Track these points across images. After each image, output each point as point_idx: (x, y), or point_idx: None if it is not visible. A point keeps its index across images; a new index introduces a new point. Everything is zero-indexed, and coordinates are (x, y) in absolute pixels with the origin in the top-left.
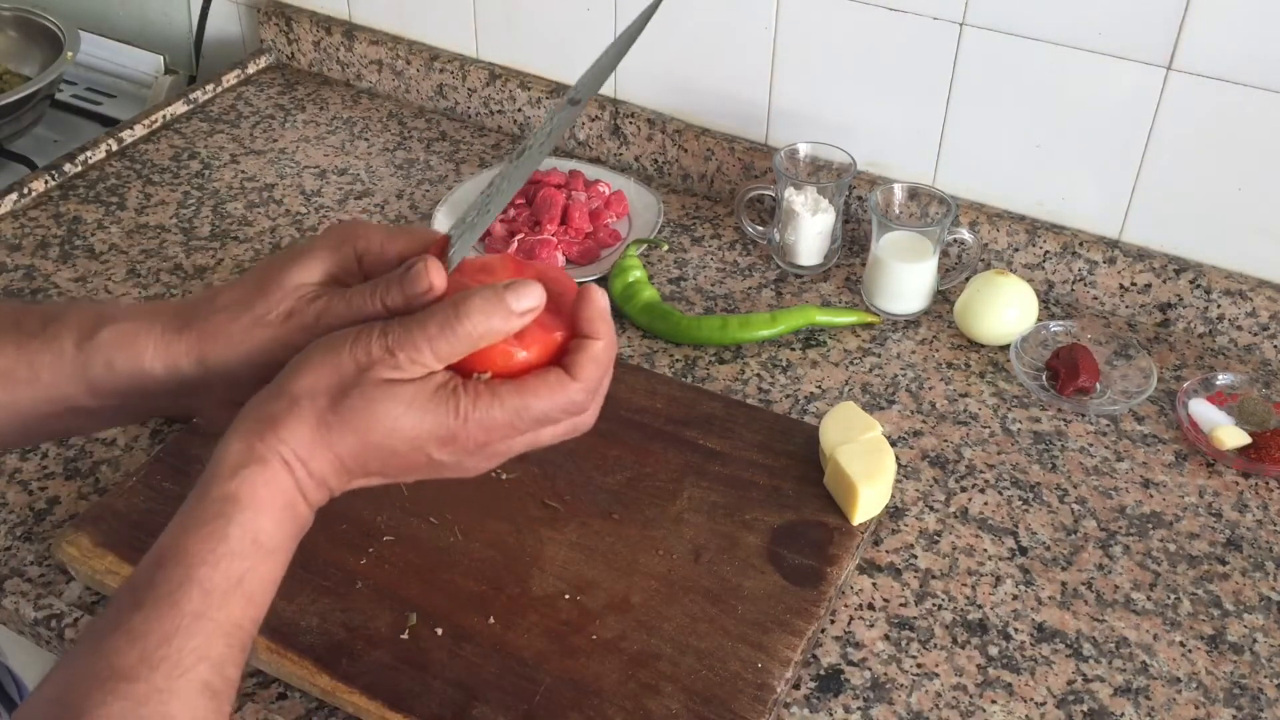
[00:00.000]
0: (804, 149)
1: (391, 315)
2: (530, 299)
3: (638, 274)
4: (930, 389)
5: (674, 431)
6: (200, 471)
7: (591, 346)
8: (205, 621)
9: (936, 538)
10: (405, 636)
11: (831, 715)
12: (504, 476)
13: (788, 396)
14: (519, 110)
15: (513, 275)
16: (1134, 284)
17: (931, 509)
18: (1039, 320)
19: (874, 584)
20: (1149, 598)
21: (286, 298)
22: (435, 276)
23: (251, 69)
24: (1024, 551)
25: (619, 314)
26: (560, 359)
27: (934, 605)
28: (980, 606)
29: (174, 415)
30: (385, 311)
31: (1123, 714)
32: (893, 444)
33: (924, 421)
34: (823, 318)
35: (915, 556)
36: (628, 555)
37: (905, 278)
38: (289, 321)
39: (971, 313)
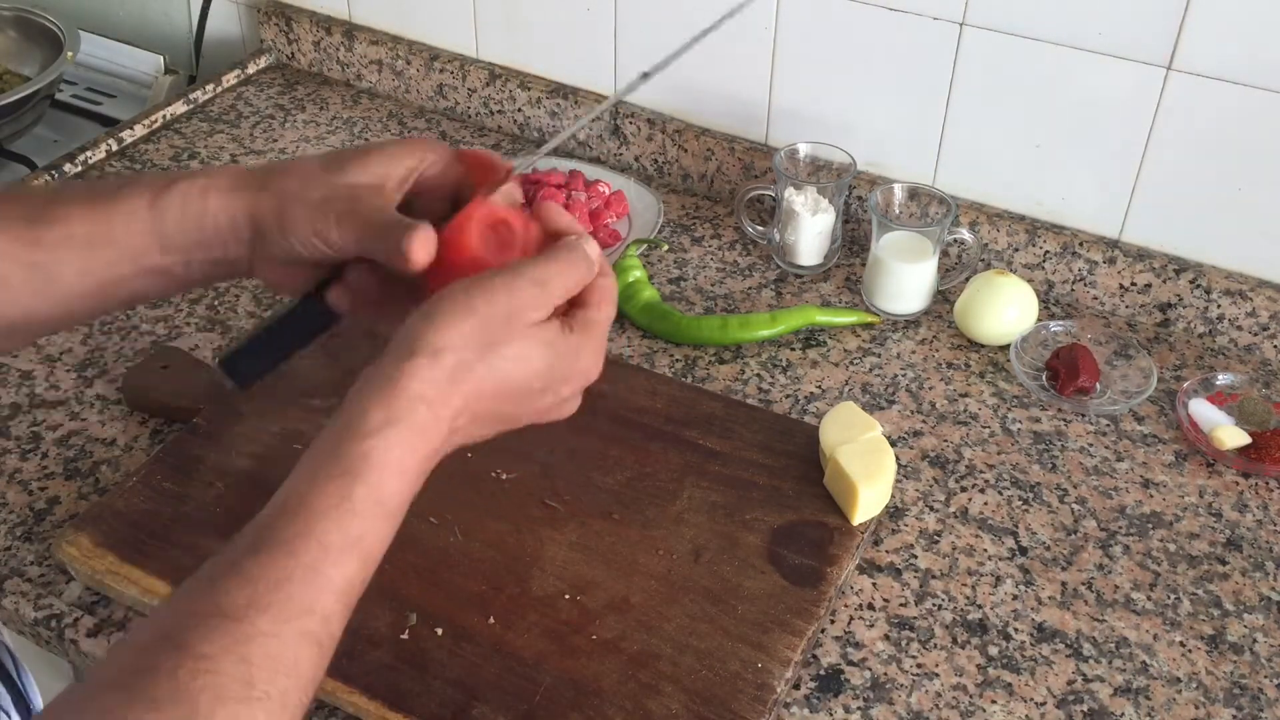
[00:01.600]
0: (804, 149)
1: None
2: (595, 249)
3: (638, 274)
4: (930, 389)
5: (674, 431)
6: (200, 472)
7: (573, 241)
8: (319, 575)
9: (936, 538)
10: (405, 636)
11: (831, 715)
12: (504, 476)
13: (788, 396)
14: (519, 110)
15: (523, 233)
16: (1134, 284)
17: (931, 509)
18: (1039, 320)
19: (874, 584)
20: (1149, 598)
21: (347, 192)
22: (427, 250)
23: (251, 69)
24: (1024, 551)
25: (619, 314)
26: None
27: (934, 605)
28: (980, 606)
29: (233, 275)
30: (382, 249)
31: (1123, 714)
32: (893, 444)
33: (924, 421)
34: (823, 318)
35: (915, 556)
36: (628, 555)
37: (905, 278)
38: (345, 212)
39: (971, 313)
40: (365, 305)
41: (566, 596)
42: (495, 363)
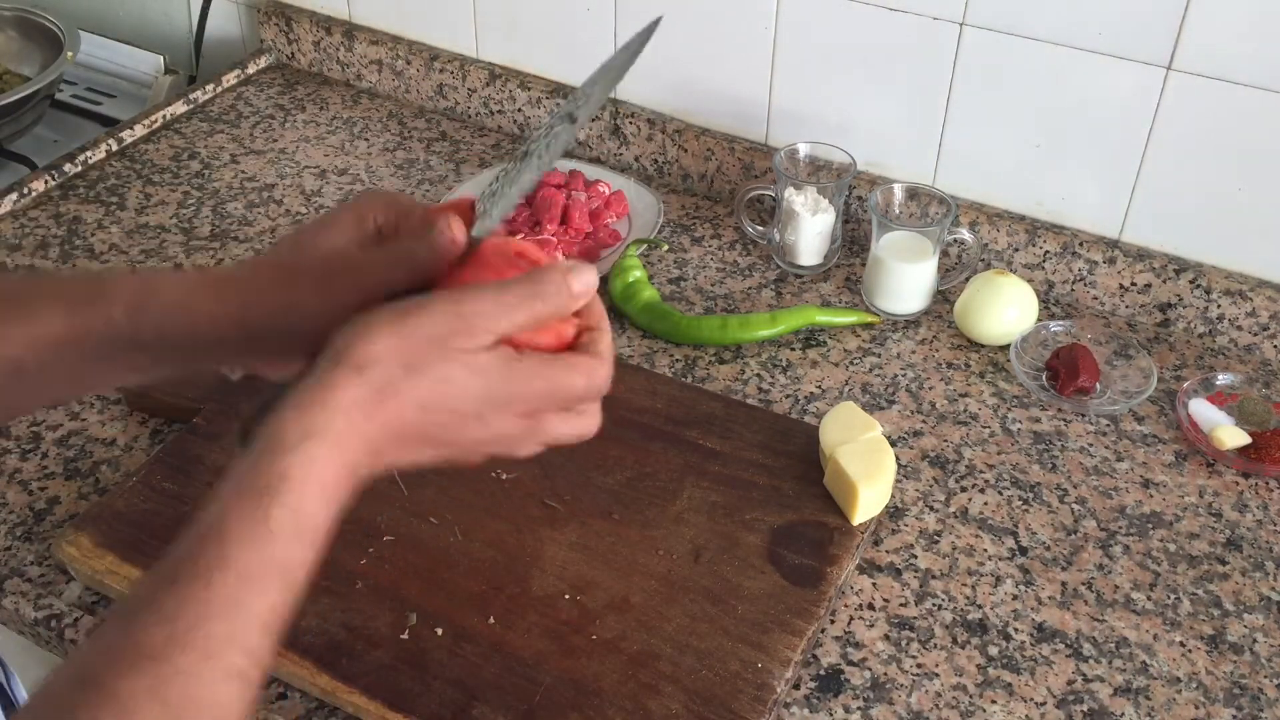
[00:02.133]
0: (804, 149)
1: (416, 274)
2: (590, 282)
3: (638, 274)
4: (930, 389)
5: (674, 431)
6: (200, 472)
7: (605, 336)
8: (238, 607)
9: (936, 538)
10: (405, 636)
11: (831, 715)
12: (504, 476)
13: (788, 396)
14: (519, 110)
15: (526, 264)
16: (1134, 284)
17: (931, 509)
18: (1039, 320)
19: (874, 584)
20: (1149, 598)
21: (318, 263)
22: (458, 232)
23: (251, 69)
24: (1024, 551)
25: (619, 314)
26: (577, 347)
27: (934, 605)
28: (980, 606)
29: (221, 367)
30: (412, 271)
31: (1123, 714)
32: (893, 444)
33: (924, 421)
34: (823, 318)
35: (915, 556)
36: (628, 555)
37: (905, 278)
38: (323, 285)
39: (971, 313)
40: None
41: (566, 596)
42: (421, 384)
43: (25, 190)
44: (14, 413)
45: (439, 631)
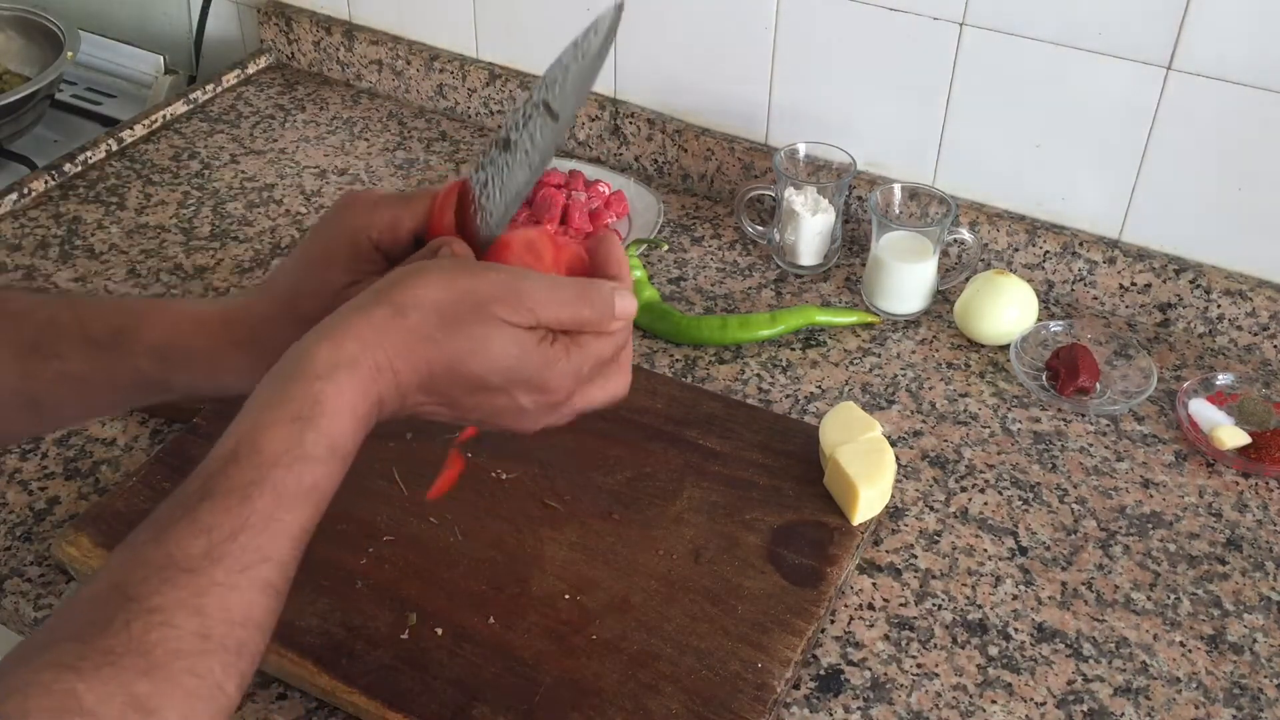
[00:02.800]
0: (804, 149)
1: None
2: (631, 311)
3: (638, 274)
4: (930, 389)
5: (674, 431)
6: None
7: (628, 292)
8: (274, 522)
9: (936, 538)
10: (405, 636)
11: (831, 715)
12: (504, 476)
13: (788, 396)
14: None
15: (554, 255)
16: (1134, 284)
17: (931, 509)
18: (1039, 320)
19: (874, 584)
20: (1149, 598)
21: (326, 304)
22: (461, 256)
23: (251, 69)
24: (1024, 551)
25: None
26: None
27: (934, 605)
28: (980, 606)
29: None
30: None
31: (1123, 714)
32: (893, 444)
33: (924, 421)
34: (823, 318)
35: (915, 556)
36: (628, 555)
37: (905, 278)
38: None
39: (971, 313)
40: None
41: (566, 596)
42: (456, 340)
43: (25, 190)
44: (23, 437)
45: (439, 631)
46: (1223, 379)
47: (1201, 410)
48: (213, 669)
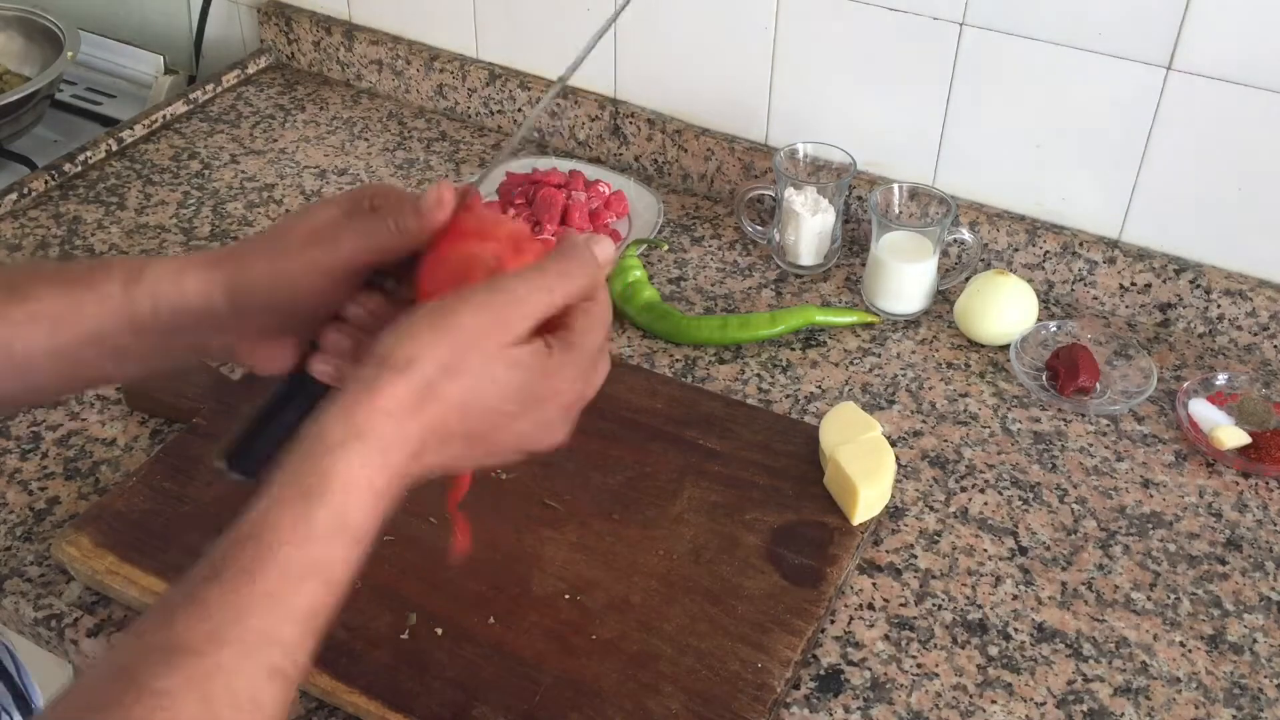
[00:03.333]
0: (804, 149)
1: (401, 240)
2: (610, 250)
3: (638, 274)
4: (930, 389)
5: (674, 431)
6: (200, 472)
7: (574, 240)
8: (280, 604)
9: (936, 538)
10: (405, 636)
11: (831, 715)
12: (504, 476)
13: (788, 396)
14: (519, 110)
15: (514, 245)
16: (1134, 284)
17: (931, 509)
18: (1039, 320)
19: (874, 584)
20: (1149, 598)
21: (305, 232)
22: (445, 191)
23: (251, 69)
24: (1024, 551)
25: (619, 314)
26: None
27: (934, 605)
28: (980, 606)
29: (209, 355)
30: (398, 234)
31: (1123, 714)
32: (893, 444)
33: (924, 421)
34: (823, 318)
35: (915, 556)
36: (628, 555)
37: (905, 278)
38: (309, 250)
39: (971, 313)
40: (349, 366)
41: (566, 596)
42: (464, 381)
43: (25, 190)
44: (7, 404)
45: (439, 631)
46: (1223, 379)
47: (1201, 410)
48: None
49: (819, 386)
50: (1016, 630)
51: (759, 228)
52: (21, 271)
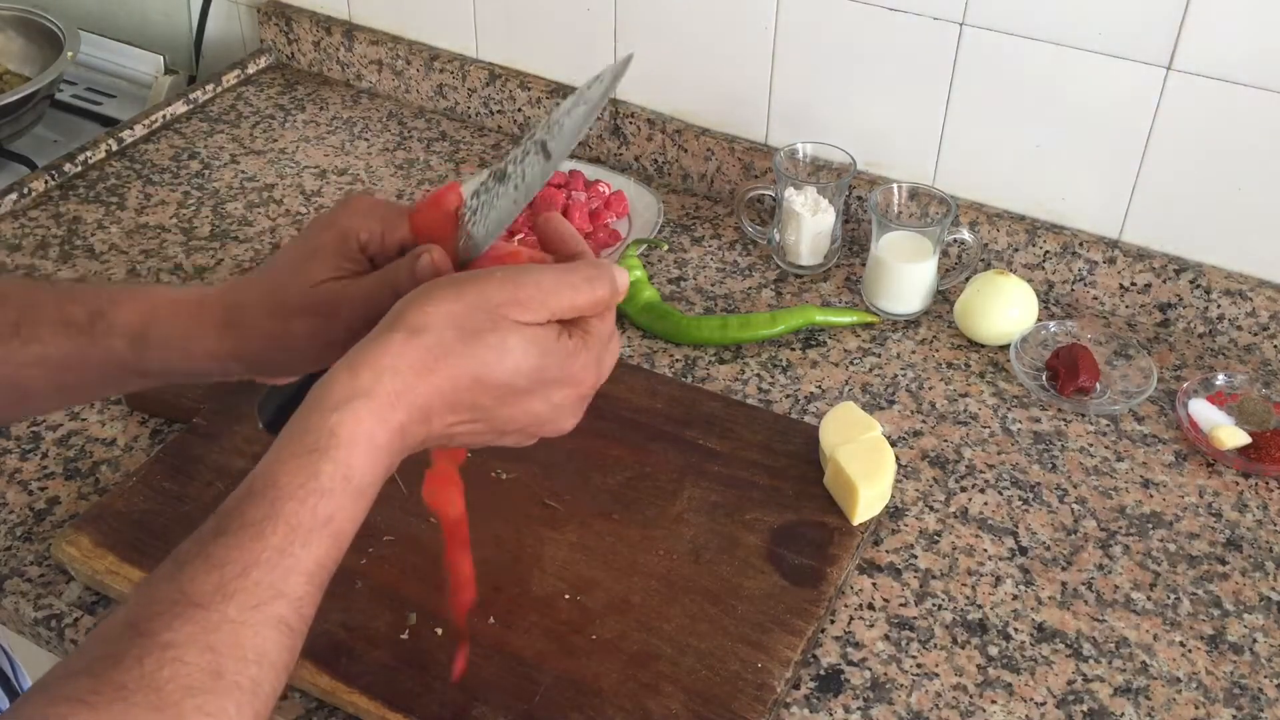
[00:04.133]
0: (804, 149)
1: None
2: (625, 281)
3: (638, 274)
4: (930, 389)
5: (674, 431)
6: (200, 472)
7: (600, 264)
8: (287, 557)
9: (936, 538)
10: (405, 636)
11: (831, 715)
12: (504, 476)
13: (788, 396)
14: (519, 110)
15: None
16: (1134, 284)
17: (931, 509)
18: (1039, 320)
19: (874, 584)
20: (1149, 598)
21: (305, 295)
22: (441, 263)
23: (251, 69)
24: (1024, 551)
25: (619, 314)
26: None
27: (934, 605)
28: (980, 606)
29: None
30: (396, 297)
31: (1123, 714)
32: (893, 444)
33: (924, 421)
34: (823, 318)
35: (915, 556)
36: (628, 555)
37: (905, 278)
38: (310, 318)
39: (971, 313)
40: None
41: (566, 596)
42: (476, 350)
43: (25, 190)
44: (7, 422)
45: (439, 631)
46: (1223, 379)
47: (1201, 410)
48: (225, 708)
49: (819, 386)
50: (1016, 630)
51: (759, 228)
52: (23, 310)
